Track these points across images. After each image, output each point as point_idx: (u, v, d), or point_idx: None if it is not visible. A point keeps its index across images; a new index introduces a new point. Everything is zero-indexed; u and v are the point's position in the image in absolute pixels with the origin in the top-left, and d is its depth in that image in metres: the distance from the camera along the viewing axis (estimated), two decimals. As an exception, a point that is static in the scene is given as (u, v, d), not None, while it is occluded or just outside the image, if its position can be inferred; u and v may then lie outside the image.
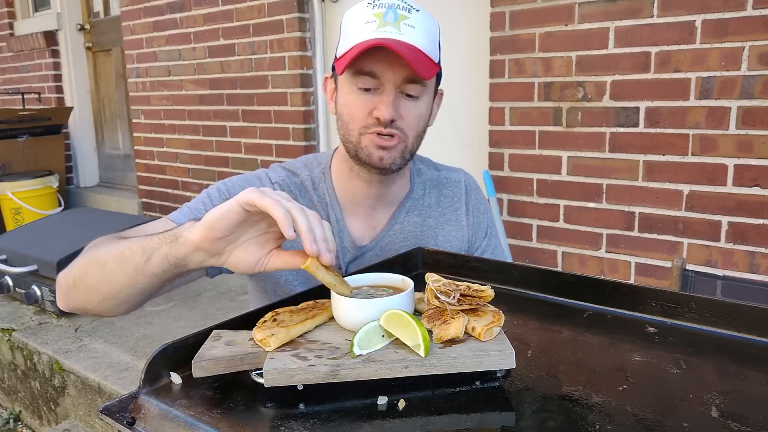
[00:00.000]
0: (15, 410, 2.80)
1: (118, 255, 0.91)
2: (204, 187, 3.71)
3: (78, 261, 0.99)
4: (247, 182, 1.19)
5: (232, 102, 3.46)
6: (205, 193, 1.18)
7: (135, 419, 0.69)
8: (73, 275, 0.98)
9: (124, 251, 0.90)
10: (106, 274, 0.92)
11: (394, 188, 1.23)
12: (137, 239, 0.90)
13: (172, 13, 3.68)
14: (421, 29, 1.06)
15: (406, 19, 1.05)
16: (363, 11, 1.07)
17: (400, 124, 1.09)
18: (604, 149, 2.18)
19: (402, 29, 1.04)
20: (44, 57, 4.80)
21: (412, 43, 1.04)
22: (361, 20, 1.06)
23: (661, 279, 2.12)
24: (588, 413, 0.66)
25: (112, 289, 0.93)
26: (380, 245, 1.22)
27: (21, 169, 4.29)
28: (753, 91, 1.86)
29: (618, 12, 2.08)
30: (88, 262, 0.96)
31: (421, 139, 1.16)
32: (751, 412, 0.66)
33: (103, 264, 0.93)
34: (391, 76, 1.06)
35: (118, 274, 0.90)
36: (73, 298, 1.00)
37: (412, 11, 1.07)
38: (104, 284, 0.93)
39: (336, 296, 0.81)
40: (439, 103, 1.23)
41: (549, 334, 0.88)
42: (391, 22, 1.04)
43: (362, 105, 1.09)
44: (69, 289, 0.99)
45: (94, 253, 0.96)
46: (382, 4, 1.06)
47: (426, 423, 0.66)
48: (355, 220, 1.22)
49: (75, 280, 0.98)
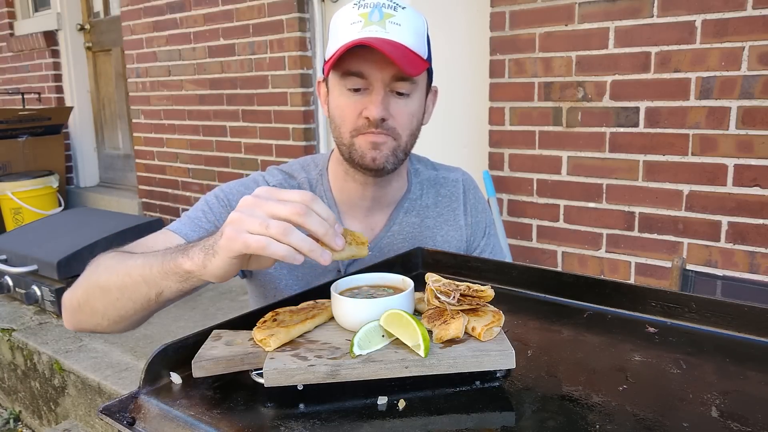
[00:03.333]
0: (15, 410, 2.80)
1: (120, 284, 0.90)
2: (204, 187, 3.74)
3: (81, 283, 0.98)
4: (245, 187, 1.19)
5: (232, 102, 3.46)
6: (204, 201, 1.17)
7: (135, 419, 0.69)
8: (77, 298, 0.98)
9: (125, 281, 0.90)
10: (111, 301, 0.92)
11: (391, 189, 1.23)
12: (138, 267, 0.89)
13: (172, 13, 3.68)
14: (407, 26, 1.06)
15: (392, 17, 1.05)
16: (349, 12, 1.07)
17: (391, 123, 1.08)
18: (604, 149, 2.18)
19: (387, 27, 1.04)
20: (44, 57, 4.80)
21: (398, 40, 1.03)
22: (347, 21, 1.06)
23: (661, 279, 2.12)
24: (588, 413, 0.66)
25: (122, 314, 0.93)
26: (379, 247, 1.22)
27: (21, 169, 4.29)
28: (753, 91, 1.86)
29: (618, 12, 2.08)
30: (91, 287, 0.96)
31: (415, 138, 1.16)
32: (751, 412, 0.66)
33: (105, 291, 0.93)
34: (378, 75, 1.05)
35: (124, 302, 0.91)
36: (79, 320, 1.00)
37: (398, 9, 1.07)
38: (111, 310, 0.94)
39: (336, 296, 0.81)
40: (434, 100, 1.23)
41: (549, 334, 0.88)
42: (376, 21, 1.04)
43: (352, 106, 1.08)
44: (75, 311, 0.99)
45: (95, 276, 0.95)
46: (367, 3, 1.06)
47: (426, 423, 0.66)
48: (353, 222, 1.22)
49: (80, 303, 0.97)
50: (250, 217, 0.74)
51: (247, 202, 0.76)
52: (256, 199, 0.76)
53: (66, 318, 1.01)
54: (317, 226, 0.75)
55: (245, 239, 0.73)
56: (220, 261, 0.77)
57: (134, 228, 3.05)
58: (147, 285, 0.87)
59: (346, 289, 0.88)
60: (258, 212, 0.74)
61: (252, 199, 0.76)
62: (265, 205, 0.75)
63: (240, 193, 1.16)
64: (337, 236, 0.76)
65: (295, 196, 0.76)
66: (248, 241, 0.73)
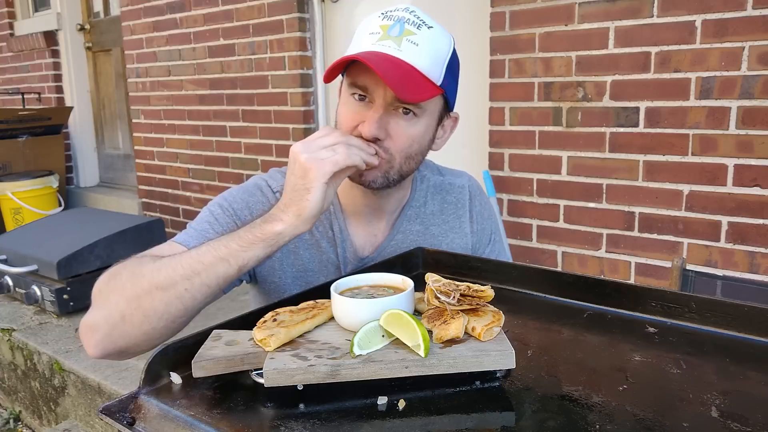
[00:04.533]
0: (15, 410, 2.80)
1: (189, 272, 0.89)
2: (204, 187, 3.74)
3: (115, 297, 0.91)
4: (248, 193, 1.16)
5: (232, 102, 3.46)
6: (208, 212, 1.13)
7: (135, 419, 0.69)
8: (119, 311, 0.90)
9: (195, 268, 0.90)
10: (178, 295, 0.89)
11: (393, 199, 1.20)
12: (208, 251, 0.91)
13: (172, 13, 3.68)
14: (425, 48, 1.00)
15: (411, 35, 1.00)
16: (373, 21, 1.04)
17: (387, 144, 1.03)
18: (604, 149, 2.18)
19: (403, 46, 0.99)
20: (44, 57, 4.80)
21: (409, 61, 0.99)
22: (367, 30, 1.03)
23: (661, 279, 2.12)
24: (588, 413, 0.66)
25: (189, 306, 0.91)
26: (382, 256, 1.19)
27: (21, 169, 4.29)
28: (753, 91, 1.86)
29: (618, 12, 2.08)
30: (144, 292, 0.89)
31: (415, 162, 1.11)
32: (751, 412, 0.66)
33: (168, 287, 0.89)
34: (381, 92, 1.01)
35: (198, 288, 0.90)
36: (122, 333, 0.90)
37: (422, 28, 1.01)
38: (178, 304, 0.90)
39: (336, 296, 0.81)
40: (452, 127, 1.18)
41: (549, 334, 0.88)
42: (393, 36, 1.00)
43: (352, 116, 1.05)
44: (114, 326, 0.90)
45: (143, 281, 0.90)
46: (393, 16, 1.02)
47: (426, 423, 0.66)
48: (357, 229, 1.20)
49: (123, 315, 0.90)
50: (318, 151, 0.91)
51: (298, 148, 0.92)
52: (305, 145, 0.93)
53: (95, 342, 0.91)
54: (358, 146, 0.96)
55: (332, 159, 0.90)
56: (317, 193, 0.89)
57: (134, 228, 3.05)
58: (227, 263, 0.90)
59: (346, 289, 0.88)
60: (316, 147, 0.92)
61: (302, 145, 0.93)
62: (317, 142, 0.93)
63: (243, 200, 1.14)
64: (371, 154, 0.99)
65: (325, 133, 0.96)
66: (335, 159, 0.90)
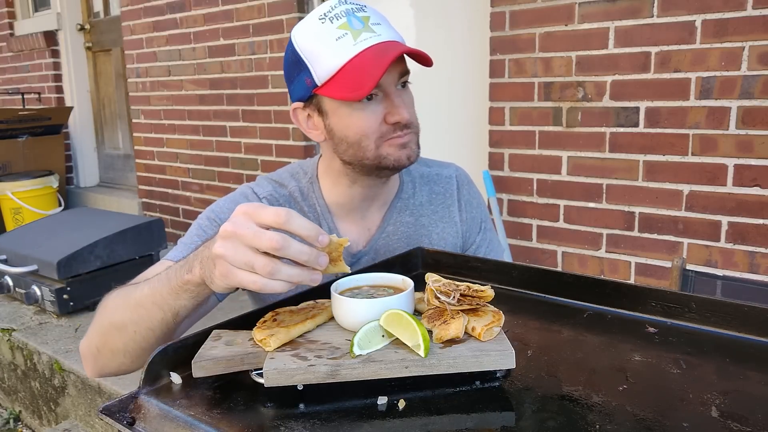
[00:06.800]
0: (15, 410, 2.80)
1: (134, 317, 0.91)
2: (204, 187, 3.74)
3: (94, 328, 0.98)
4: (235, 203, 1.14)
5: (232, 102, 3.46)
6: (197, 226, 1.15)
7: (135, 419, 0.69)
8: (94, 344, 0.97)
9: (139, 312, 0.90)
10: (129, 336, 0.92)
11: (386, 188, 1.22)
12: (147, 295, 0.89)
13: (172, 13, 3.68)
14: (384, 21, 1.04)
15: (369, 19, 1.03)
16: (326, 29, 1.01)
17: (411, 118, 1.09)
18: (604, 149, 2.18)
19: (376, 30, 1.01)
20: (44, 57, 4.80)
21: (392, 39, 1.03)
22: (329, 38, 1.00)
23: (661, 279, 2.12)
24: (588, 413, 0.66)
25: (143, 346, 0.92)
26: (374, 248, 1.21)
27: (21, 169, 4.29)
28: (753, 91, 1.86)
29: (618, 12, 2.08)
30: (105, 329, 0.95)
31: None
32: (751, 412, 0.66)
33: (121, 328, 0.92)
34: (391, 78, 1.04)
35: (143, 332, 0.91)
36: (103, 365, 0.99)
37: (366, 9, 1.04)
38: (131, 345, 0.93)
39: (336, 296, 0.81)
40: None
41: (549, 334, 0.88)
42: (360, 28, 1.01)
43: (372, 117, 1.04)
44: (95, 357, 0.98)
45: (107, 317, 0.95)
46: (336, 15, 1.01)
47: (426, 423, 0.66)
48: (348, 226, 1.20)
49: (98, 348, 0.97)
50: (235, 254, 0.73)
51: (227, 231, 0.74)
52: (234, 230, 0.74)
53: (88, 367, 1.00)
54: (297, 254, 0.72)
55: (239, 278, 0.74)
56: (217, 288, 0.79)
57: (134, 228, 3.05)
58: (161, 310, 0.87)
59: (346, 289, 0.88)
60: (240, 249, 0.73)
61: (231, 229, 0.74)
62: (245, 237, 0.73)
63: (230, 210, 1.12)
64: (320, 256, 0.74)
65: (269, 218, 0.73)
66: (243, 281, 0.73)
